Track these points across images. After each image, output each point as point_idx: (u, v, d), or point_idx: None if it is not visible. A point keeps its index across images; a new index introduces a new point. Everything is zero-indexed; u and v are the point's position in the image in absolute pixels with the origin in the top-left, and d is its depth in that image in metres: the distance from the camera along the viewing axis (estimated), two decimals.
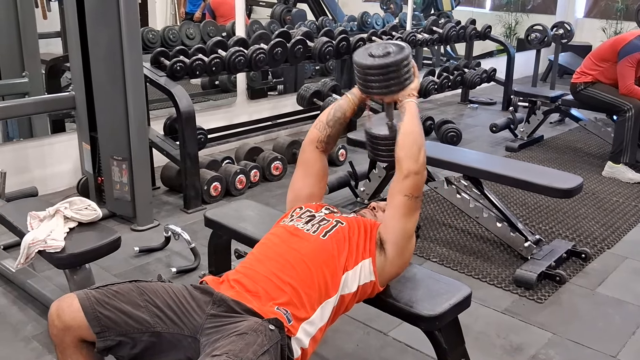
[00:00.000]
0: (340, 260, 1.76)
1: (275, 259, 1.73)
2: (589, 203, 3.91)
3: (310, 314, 1.66)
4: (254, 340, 1.45)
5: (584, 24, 8.96)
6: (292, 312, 1.61)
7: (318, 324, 1.68)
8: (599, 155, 4.94)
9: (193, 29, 5.11)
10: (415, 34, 5.60)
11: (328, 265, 1.73)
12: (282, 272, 1.68)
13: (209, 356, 1.41)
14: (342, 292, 1.75)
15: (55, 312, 1.56)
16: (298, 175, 2.11)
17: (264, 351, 1.44)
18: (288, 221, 1.90)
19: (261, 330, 1.49)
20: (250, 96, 5.39)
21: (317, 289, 1.68)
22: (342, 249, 1.77)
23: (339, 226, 1.83)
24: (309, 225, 1.83)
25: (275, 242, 1.82)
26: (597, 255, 3.19)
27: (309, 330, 1.65)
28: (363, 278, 1.79)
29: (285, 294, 1.64)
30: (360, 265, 1.78)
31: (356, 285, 1.78)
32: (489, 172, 3.12)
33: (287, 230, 1.85)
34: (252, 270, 1.72)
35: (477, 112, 6.57)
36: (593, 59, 4.59)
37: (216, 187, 3.79)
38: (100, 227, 2.35)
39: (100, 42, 3.15)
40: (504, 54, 6.99)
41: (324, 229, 1.81)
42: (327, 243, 1.77)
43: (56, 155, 3.97)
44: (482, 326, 2.53)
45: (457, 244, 3.30)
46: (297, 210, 1.95)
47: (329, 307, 1.71)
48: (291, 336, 1.59)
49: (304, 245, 1.76)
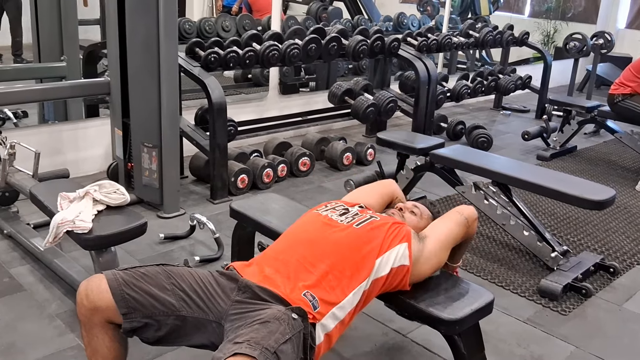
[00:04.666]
0: (375, 245, 1.77)
1: (307, 244, 1.76)
2: (621, 217, 3.82)
3: (341, 299, 1.67)
4: (276, 328, 1.46)
5: (625, 34, 8.77)
6: (320, 297, 1.62)
7: (348, 308, 1.69)
8: (634, 169, 4.83)
9: (229, 22, 5.15)
10: (451, 36, 5.54)
11: (360, 250, 1.75)
12: (313, 257, 1.70)
13: (230, 342, 1.42)
14: (375, 277, 1.76)
15: (84, 292, 1.59)
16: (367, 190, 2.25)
17: (286, 340, 1.44)
18: (322, 210, 1.93)
19: (284, 319, 1.50)
20: (282, 91, 5.41)
21: (348, 274, 1.70)
22: (377, 236, 1.80)
23: (373, 219, 1.87)
24: (343, 217, 1.87)
25: (308, 228, 1.85)
26: (626, 271, 3.12)
27: (338, 315, 1.66)
28: (397, 261, 1.79)
29: (315, 277, 1.65)
30: (396, 248, 1.80)
31: (389, 268, 1.78)
32: (519, 179, 3.07)
33: (320, 219, 1.87)
34: (283, 253, 1.74)
35: (510, 119, 6.48)
36: (633, 71, 4.49)
37: (243, 179, 3.81)
38: (127, 211, 2.38)
39: (137, 30, 3.19)
40: (540, 62, 6.87)
41: (358, 220, 1.85)
42: (361, 230, 1.80)
43: (89, 139, 4.04)
44: (504, 334, 2.50)
45: (482, 250, 3.25)
46: (332, 203, 1.98)
47: (360, 292, 1.72)
48: (315, 323, 1.60)
49: (337, 233, 1.79)
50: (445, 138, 5.17)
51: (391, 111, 4.83)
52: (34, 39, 4.18)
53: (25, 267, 2.82)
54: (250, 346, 1.37)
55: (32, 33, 4.19)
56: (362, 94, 4.70)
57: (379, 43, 4.78)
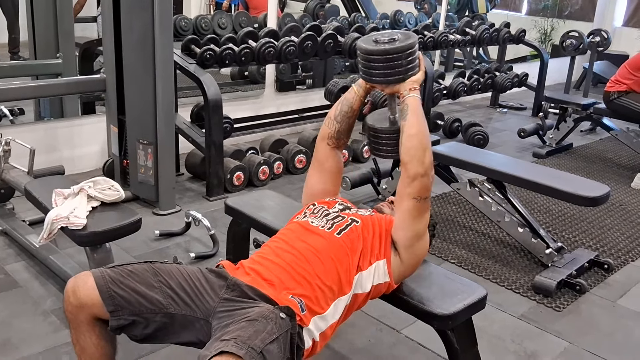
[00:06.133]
0: (354, 259, 1.74)
1: (290, 252, 1.73)
2: (616, 214, 3.84)
3: (324, 310, 1.65)
4: (263, 327, 1.45)
5: (622, 32, 8.77)
6: (306, 304, 1.61)
7: (329, 321, 1.67)
8: (629, 167, 4.84)
9: (225, 19, 5.14)
10: (448, 34, 5.54)
11: (342, 263, 1.72)
12: (297, 266, 1.68)
13: (217, 340, 1.41)
14: (355, 291, 1.75)
15: (71, 289, 1.58)
16: (312, 172, 2.09)
17: (273, 339, 1.43)
18: (302, 217, 1.89)
19: (272, 317, 1.49)
20: (278, 89, 5.41)
21: (330, 286, 1.67)
22: (356, 249, 1.76)
23: (354, 225, 1.81)
24: (324, 222, 1.82)
25: (290, 237, 1.81)
26: (621, 267, 3.13)
27: (320, 325, 1.65)
28: (377, 279, 1.78)
29: (300, 286, 1.64)
30: (374, 266, 1.78)
31: (370, 286, 1.77)
32: (513, 176, 3.07)
33: (301, 226, 1.84)
34: (268, 260, 1.72)
35: (506, 116, 6.49)
36: (628, 68, 4.49)
37: (239, 176, 3.82)
38: (122, 207, 2.39)
39: (133, 27, 3.19)
40: (537, 60, 6.88)
41: (339, 227, 1.80)
42: (341, 241, 1.76)
43: (85, 136, 4.04)
44: (497, 330, 2.50)
45: (477, 247, 3.26)
46: (311, 207, 1.94)
47: (341, 305, 1.71)
48: (303, 326, 1.59)
49: (319, 241, 1.75)
50: (442, 135, 5.17)
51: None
52: (30, 36, 4.18)
53: (20, 263, 2.82)
54: (236, 344, 1.36)
55: (27, 30, 4.19)
56: None
57: None
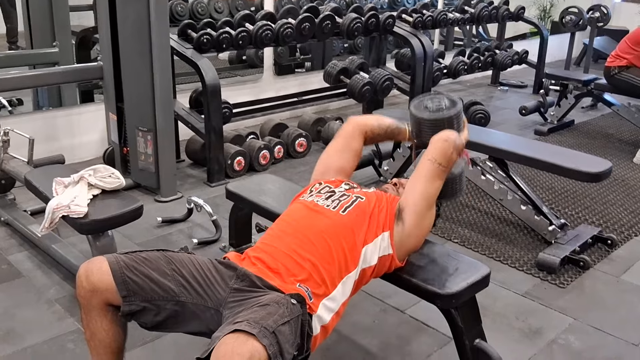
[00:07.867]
0: (360, 234, 1.75)
1: (294, 235, 1.73)
2: (618, 189, 3.82)
3: (330, 290, 1.66)
4: (275, 310, 1.45)
5: (622, 7, 8.68)
6: (312, 290, 1.62)
7: (340, 299, 1.69)
8: (631, 142, 4.81)
9: (221, 3, 5.09)
10: (447, 12, 5.49)
11: (347, 240, 1.73)
12: (301, 249, 1.68)
13: (230, 324, 1.41)
14: (363, 266, 1.75)
15: (84, 273, 1.58)
16: (335, 147, 2.10)
17: (285, 322, 1.43)
18: (307, 196, 1.89)
19: (283, 302, 1.49)
20: (277, 72, 5.37)
21: (337, 265, 1.68)
22: (362, 224, 1.77)
23: (359, 201, 1.83)
24: (329, 201, 1.83)
25: (295, 217, 1.82)
26: (624, 243, 3.13)
27: (330, 306, 1.65)
28: (382, 250, 1.79)
29: (305, 270, 1.64)
30: (380, 237, 1.79)
31: (376, 258, 1.78)
32: (515, 154, 3.06)
33: (307, 206, 1.84)
34: (272, 247, 1.72)
35: (507, 94, 6.45)
36: (629, 43, 4.46)
37: (240, 161, 3.80)
38: (122, 195, 2.38)
39: (128, 13, 3.16)
40: (537, 37, 6.82)
41: (344, 205, 1.81)
42: (347, 218, 1.77)
43: (84, 125, 4.02)
44: (501, 308, 2.51)
45: (480, 225, 3.26)
46: (317, 186, 1.94)
47: (350, 282, 1.72)
48: (312, 314, 1.60)
49: (323, 221, 1.76)
50: None
51: (387, 89, 4.80)
52: (26, 25, 4.14)
53: (23, 253, 2.83)
54: (249, 324, 1.36)
55: (23, 19, 4.16)
56: (357, 73, 4.67)
57: (374, 20, 4.72)
